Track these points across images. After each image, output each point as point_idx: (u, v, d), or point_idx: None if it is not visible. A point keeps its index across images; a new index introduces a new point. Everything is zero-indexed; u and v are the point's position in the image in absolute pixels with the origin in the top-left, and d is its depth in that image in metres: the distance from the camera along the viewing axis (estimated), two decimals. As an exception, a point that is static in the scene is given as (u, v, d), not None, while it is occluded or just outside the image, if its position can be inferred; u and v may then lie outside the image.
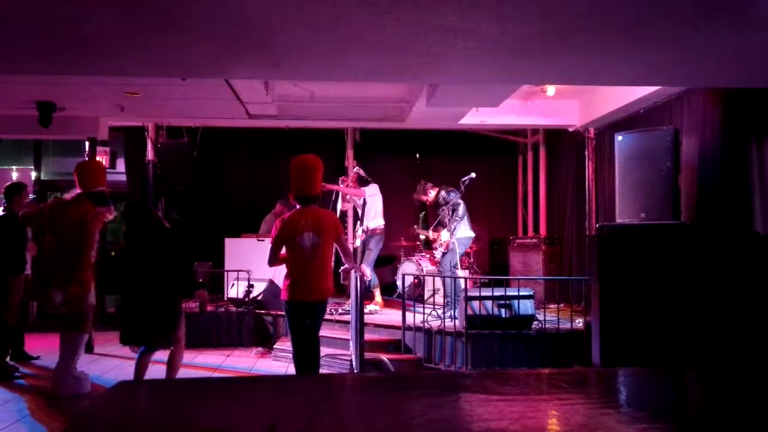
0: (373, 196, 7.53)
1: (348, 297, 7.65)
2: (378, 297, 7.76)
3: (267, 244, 4.80)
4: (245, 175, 10.47)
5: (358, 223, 7.57)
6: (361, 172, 7.63)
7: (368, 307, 7.25)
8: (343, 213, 7.50)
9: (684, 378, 1.95)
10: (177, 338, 4.83)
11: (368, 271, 7.35)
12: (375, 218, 7.49)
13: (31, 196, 7.18)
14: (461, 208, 7.02)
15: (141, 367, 4.77)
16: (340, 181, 7.52)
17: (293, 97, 7.70)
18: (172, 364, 4.84)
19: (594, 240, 5.36)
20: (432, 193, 7.43)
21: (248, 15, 3.48)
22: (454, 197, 7.03)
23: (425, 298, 7.60)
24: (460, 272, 7.11)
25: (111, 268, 7.86)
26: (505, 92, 6.38)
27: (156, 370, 4.99)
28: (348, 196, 7.62)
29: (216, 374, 6.11)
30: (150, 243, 4.76)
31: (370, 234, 7.45)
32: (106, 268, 7.78)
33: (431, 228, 7.80)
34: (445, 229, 7.20)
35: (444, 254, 7.20)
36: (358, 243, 7.49)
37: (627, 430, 1.31)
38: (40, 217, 5.41)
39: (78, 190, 5.37)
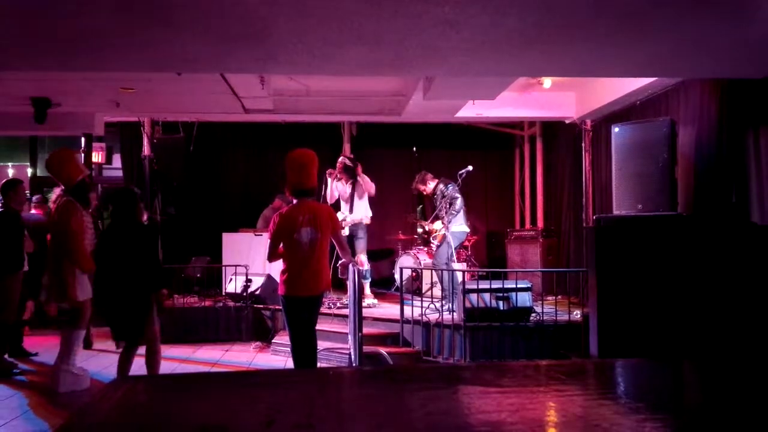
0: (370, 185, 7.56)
1: (344, 291, 7.67)
2: (367, 289, 7.71)
3: (264, 239, 4.79)
4: (242, 170, 10.46)
5: (348, 210, 7.50)
6: (347, 162, 7.56)
7: (366, 301, 7.25)
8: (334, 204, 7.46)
9: (682, 369, 1.96)
10: (151, 335, 4.71)
11: (364, 259, 7.35)
12: (366, 209, 7.50)
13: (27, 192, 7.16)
14: (458, 203, 7.01)
15: (123, 363, 4.68)
16: (327, 175, 7.49)
17: (289, 92, 7.68)
18: (151, 362, 4.73)
19: (591, 232, 5.37)
20: (431, 185, 7.41)
21: (241, 7, 3.46)
22: (452, 191, 7.03)
23: (423, 291, 7.61)
24: (456, 265, 7.11)
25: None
26: (502, 85, 6.37)
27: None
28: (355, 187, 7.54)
29: (215, 369, 6.12)
30: (126, 238, 4.61)
31: (355, 224, 7.42)
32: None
33: (429, 220, 7.79)
34: (440, 221, 7.21)
35: (439, 247, 7.21)
36: (346, 231, 7.41)
37: (625, 422, 1.31)
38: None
39: (60, 188, 5.28)
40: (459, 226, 7.09)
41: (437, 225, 7.36)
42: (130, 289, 4.56)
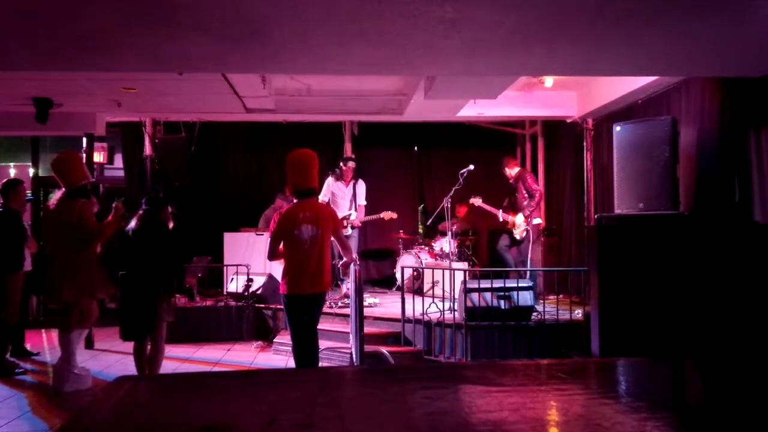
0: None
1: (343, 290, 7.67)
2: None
3: (266, 239, 4.82)
4: (243, 170, 10.45)
5: (349, 208, 7.51)
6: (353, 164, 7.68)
7: (368, 300, 7.25)
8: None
9: (683, 368, 1.96)
10: (157, 334, 4.87)
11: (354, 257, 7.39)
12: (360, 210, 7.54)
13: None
14: (538, 196, 7.36)
15: (139, 359, 4.86)
16: (331, 175, 7.52)
17: (291, 91, 7.68)
18: (152, 361, 4.88)
19: (593, 231, 5.36)
20: (510, 171, 7.67)
21: (242, 6, 3.46)
22: (531, 183, 7.32)
23: (424, 290, 7.60)
24: (458, 264, 7.11)
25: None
26: (503, 84, 6.36)
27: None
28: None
29: (216, 368, 6.12)
30: (150, 238, 4.83)
31: (354, 224, 7.44)
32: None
33: (501, 209, 7.69)
34: (521, 214, 7.27)
35: (521, 243, 7.36)
36: (349, 231, 7.41)
37: (626, 420, 1.31)
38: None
39: (62, 191, 5.31)
40: (536, 219, 7.47)
41: (519, 218, 7.34)
42: (147, 287, 4.79)
